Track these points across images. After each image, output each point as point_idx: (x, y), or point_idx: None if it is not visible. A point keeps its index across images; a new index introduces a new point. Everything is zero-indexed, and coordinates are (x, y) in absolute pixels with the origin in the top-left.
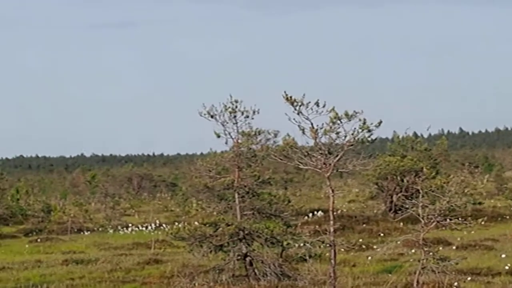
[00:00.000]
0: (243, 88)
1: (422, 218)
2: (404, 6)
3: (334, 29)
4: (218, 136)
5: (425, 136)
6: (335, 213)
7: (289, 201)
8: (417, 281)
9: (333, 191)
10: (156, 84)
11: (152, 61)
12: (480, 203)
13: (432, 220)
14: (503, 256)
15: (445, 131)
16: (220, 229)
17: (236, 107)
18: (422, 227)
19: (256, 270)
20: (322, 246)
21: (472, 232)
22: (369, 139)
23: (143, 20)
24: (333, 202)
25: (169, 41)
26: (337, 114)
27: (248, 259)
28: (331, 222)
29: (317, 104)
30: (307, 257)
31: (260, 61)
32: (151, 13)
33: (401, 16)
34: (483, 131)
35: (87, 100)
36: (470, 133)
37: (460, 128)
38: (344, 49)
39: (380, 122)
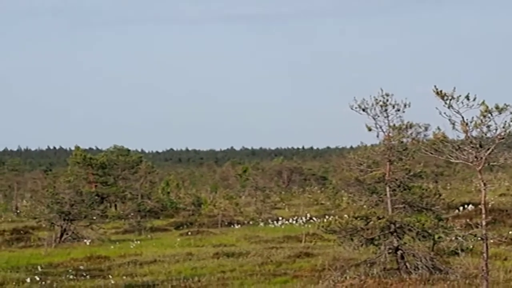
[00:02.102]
0: (393, 81)
1: None
2: None
3: (480, 22)
4: (370, 130)
5: None
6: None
7: (440, 195)
8: None
9: (485, 184)
10: (304, 77)
11: (298, 52)
12: None
13: None
14: None
15: None
16: (371, 222)
17: (387, 100)
18: None
19: (407, 264)
20: (473, 240)
21: None
22: None
23: (288, 14)
24: (485, 196)
25: (315, 33)
26: (487, 107)
27: (399, 252)
28: (483, 216)
29: (467, 97)
30: (459, 251)
31: (408, 54)
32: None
33: None
34: None
35: (236, 93)
36: None
37: None
38: (494, 41)
39: None
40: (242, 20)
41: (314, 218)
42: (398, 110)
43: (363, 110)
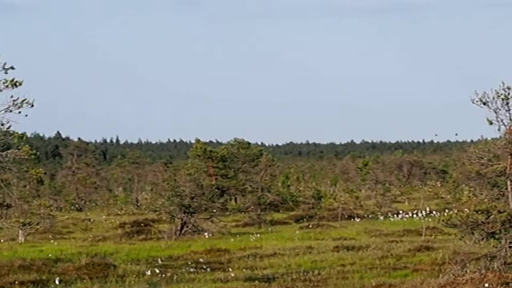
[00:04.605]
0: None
1: None
2: None
3: None
4: (491, 123)
5: None
6: None
7: None
8: None
9: None
10: (427, 71)
11: (409, 45)
12: None
13: None
14: None
15: None
16: (492, 216)
17: (509, 94)
18: None
19: None
20: None
21: None
22: None
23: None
24: None
25: (427, 26)
26: None
27: None
28: None
29: None
30: None
31: None
32: None
33: None
34: None
35: (355, 87)
36: None
37: None
38: None
39: None
40: (362, 12)
41: (434, 212)
42: None
43: (484, 103)
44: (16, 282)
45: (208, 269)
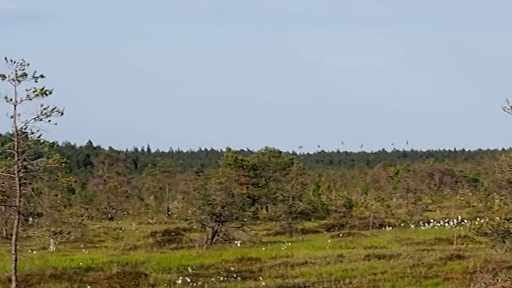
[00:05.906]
0: None
1: None
2: None
3: None
4: None
5: None
6: None
7: None
8: None
9: None
10: (457, 80)
11: (449, 53)
12: None
13: None
14: None
15: None
16: None
17: None
18: None
19: None
20: None
21: None
22: None
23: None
24: None
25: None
26: None
27: None
28: None
29: None
30: None
31: None
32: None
33: None
34: None
35: (385, 96)
36: None
37: None
38: None
39: None
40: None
41: (465, 220)
42: None
43: None
44: None
45: (239, 278)
